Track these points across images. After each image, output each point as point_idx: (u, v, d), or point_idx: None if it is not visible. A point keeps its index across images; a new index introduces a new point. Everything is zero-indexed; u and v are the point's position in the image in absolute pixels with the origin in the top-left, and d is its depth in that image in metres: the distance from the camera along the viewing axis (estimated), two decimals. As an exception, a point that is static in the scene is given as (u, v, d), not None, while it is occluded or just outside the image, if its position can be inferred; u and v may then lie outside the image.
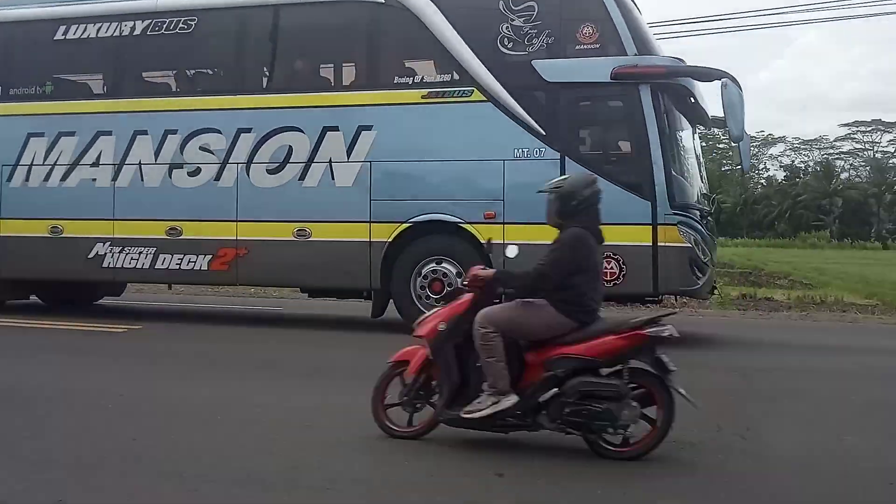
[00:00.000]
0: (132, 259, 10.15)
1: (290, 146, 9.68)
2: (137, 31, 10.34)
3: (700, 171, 10.25)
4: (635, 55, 8.79)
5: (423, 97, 9.33)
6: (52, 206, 10.48)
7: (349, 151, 9.47)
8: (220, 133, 9.93)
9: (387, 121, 9.42)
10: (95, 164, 10.31)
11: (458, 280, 8.88)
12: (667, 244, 8.62)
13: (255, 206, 9.77)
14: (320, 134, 9.58)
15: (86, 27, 10.54)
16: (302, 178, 9.63)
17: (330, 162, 9.54)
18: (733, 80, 8.50)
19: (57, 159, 10.46)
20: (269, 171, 9.76)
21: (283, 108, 9.86)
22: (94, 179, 10.35)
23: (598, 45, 8.90)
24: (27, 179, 10.59)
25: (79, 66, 11.20)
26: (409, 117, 9.40)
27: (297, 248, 9.62)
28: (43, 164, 10.50)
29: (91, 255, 10.28)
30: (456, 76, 9.26)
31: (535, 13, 9.02)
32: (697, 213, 9.18)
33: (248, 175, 9.81)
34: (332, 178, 9.53)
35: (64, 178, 10.43)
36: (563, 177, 5.42)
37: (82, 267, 10.42)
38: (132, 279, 11.23)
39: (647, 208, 8.63)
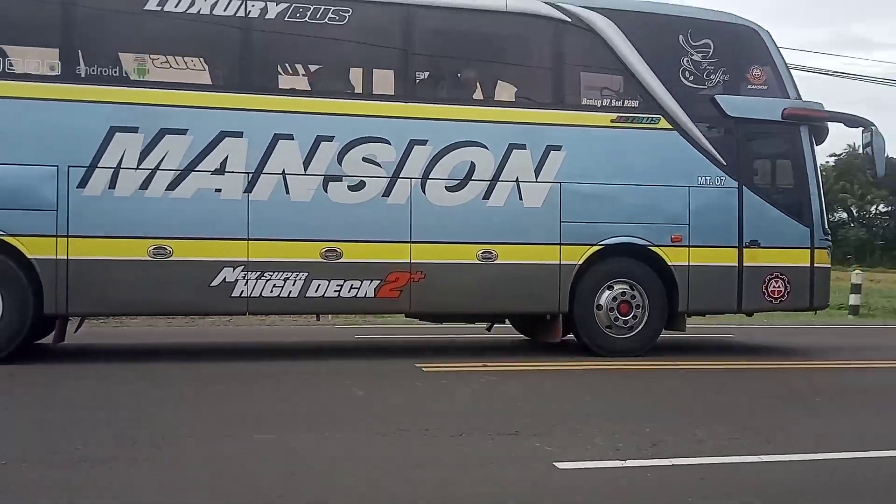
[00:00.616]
0: (275, 287, 8.52)
1: (473, 162, 8.99)
2: (271, 15, 8.63)
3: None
4: (796, 98, 9.89)
5: (612, 121, 9.37)
6: (153, 221, 8.32)
7: (537, 171, 9.13)
8: (389, 144, 8.81)
9: (577, 142, 9.26)
10: (220, 171, 8.44)
11: (645, 301, 9.30)
12: (820, 265, 9.92)
13: (433, 226, 8.89)
14: (506, 151, 9.06)
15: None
16: (486, 196, 9.02)
17: (517, 181, 9.08)
18: (877, 128, 10.05)
19: (159, 163, 8.32)
20: (449, 189, 8.95)
21: (464, 122, 9.07)
22: (217, 190, 8.45)
23: (766, 87, 9.82)
24: (112, 187, 8.22)
25: (186, 46, 8.92)
26: (598, 140, 9.35)
27: (480, 272, 9.00)
28: (137, 169, 8.26)
29: (215, 283, 8.41)
30: (642, 102, 9.46)
31: (711, 50, 9.61)
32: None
33: (423, 192, 8.88)
34: (520, 199, 9.10)
35: (171, 186, 8.33)
36: None
37: (202, 298, 8.49)
38: (272, 310, 9.35)
39: (806, 234, 9.81)
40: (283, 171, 8.55)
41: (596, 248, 9.27)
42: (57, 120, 8.14)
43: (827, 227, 10.19)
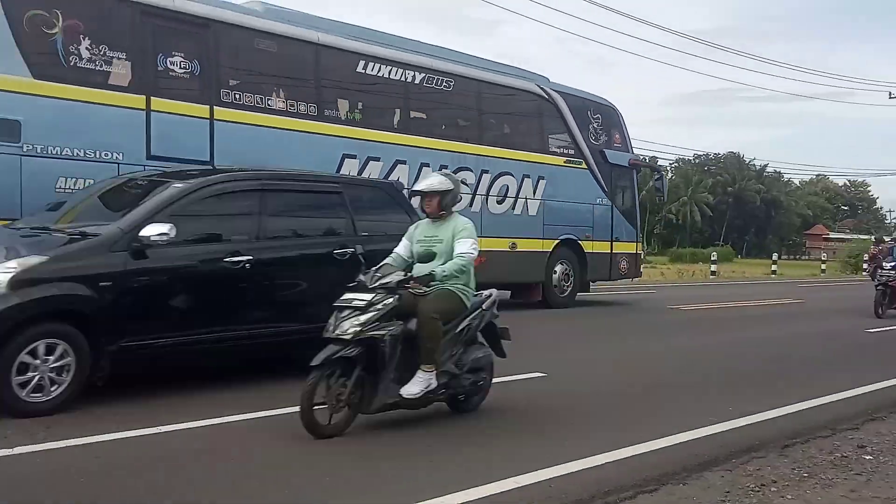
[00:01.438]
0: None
1: (507, 185, 14.15)
2: (417, 81, 12.68)
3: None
4: (632, 152, 16.97)
5: (564, 162, 15.31)
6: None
7: (534, 192, 14.65)
8: (471, 171, 13.49)
9: (550, 174, 15.02)
10: (396, 188, 12.29)
11: (574, 273, 15.48)
12: (639, 252, 17.32)
13: (490, 226, 13.71)
14: (521, 179, 14.38)
15: (380, 67, 12.16)
16: (513, 207, 14.27)
17: (526, 198, 14.48)
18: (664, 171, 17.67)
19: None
20: (497, 203, 13.98)
21: (503, 159, 14.18)
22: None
23: (620, 145, 16.69)
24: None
25: (376, 99, 12.36)
26: (558, 174, 15.22)
27: (510, 256, 14.16)
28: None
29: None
30: (575, 151, 15.51)
31: (600, 121, 16.11)
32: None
33: (486, 204, 13.74)
34: (527, 209, 14.51)
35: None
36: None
37: None
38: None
39: (634, 233, 17.13)
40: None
41: (556, 241, 15.16)
42: (315, 147, 11.27)
43: (639, 230, 17.56)
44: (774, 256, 36.05)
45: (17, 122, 8.64)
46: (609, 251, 16.26)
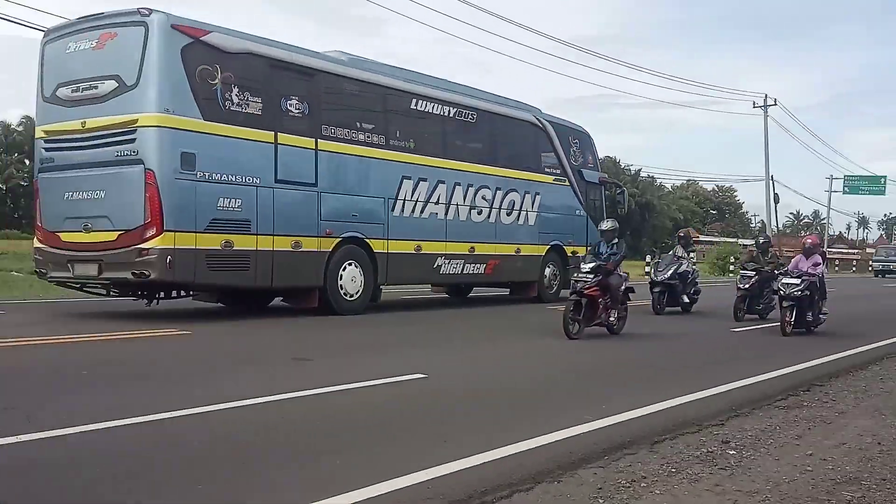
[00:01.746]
0: (453, 267, 15.40)
1: (514, 200, 17.21)
2: (451, 114, 15.48)
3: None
4: (599, 171, 20.19)
5: (553, 180, 18.38)
6: (415, 230, 14.74)
7: (532, 205, 17.68)
8: (489, 188, 16.49)
9: (544, 191, 18.06)
10: (437, 202, 15.14)
11: (559, 272, 18.43)
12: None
13: (502, 234, 16.74)
14: (523, 194, 17.44)
15: (427, 103, 14.92)
16: (518, 219, 17.33)
17: (527, 210, 17.53)
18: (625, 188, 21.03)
19: (419, 196, 14.79)
20: (507, 215, 16.98)
21: (513, 178, 17.18)
22: (435, 214, 15.16)
23: (592, 165, 19.91)
24: (402, 210, 14.43)
25: (423, 130, 15.23)
26: (549, 190, 18.27)
27: (516, 260, 17.24)
28: (411, 200, 14.61)
29: (435, 266, 15.08)
30: (560, 171, 18.61)
31: (579, 144, 19.30)
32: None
33: (499, 216, 16.78)
34: (528, 220, 17.60)
35: (423, 210, 14.86)
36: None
37: (432, 275, 15.48)
38: (450, 282, 16.84)
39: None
40: (457, 202, 15.52)
41: (548, 246, 18.14)
42: (384, 170, 14.06)
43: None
44: (648, 258, 36.57)
45: (193, 155, 11.00)
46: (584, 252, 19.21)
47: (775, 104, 50.54)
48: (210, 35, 11.45)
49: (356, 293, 13.36)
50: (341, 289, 13.10)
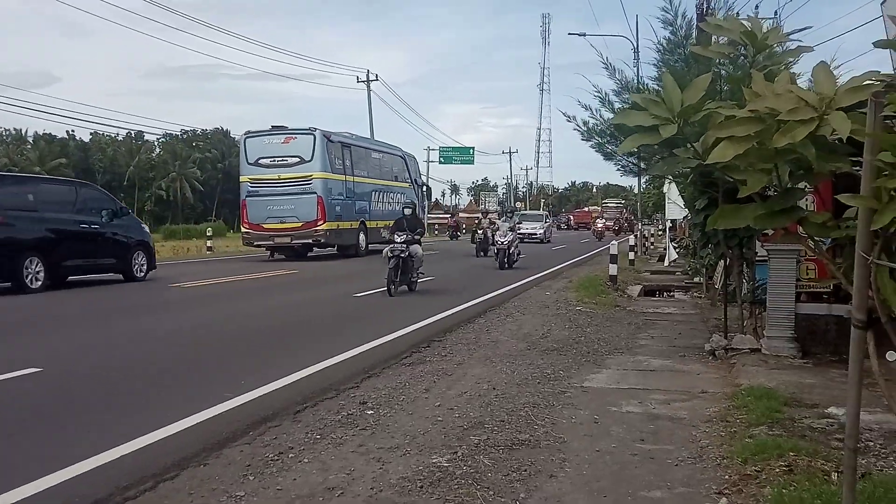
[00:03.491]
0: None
1: (394, 197, 31.93)
2: (382, 158, 32.43)
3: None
4: (420, 177, 37.82)
5: (407, 185, 34.00)
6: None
7: (398, 203, 30.94)
8: (393, 193, 31.86)
9: (403, 191, 33.03)
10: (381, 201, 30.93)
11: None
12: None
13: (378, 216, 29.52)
14: (397, 194, 32.05)
15: (374, 153, 31.52)
16: (393, 207, 29.89)
17: (398, 202, 30.18)
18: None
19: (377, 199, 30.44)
20: (389, 206, 31.22)
21: (397, 186, 32.82)
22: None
23: (417, 175, 36.63)
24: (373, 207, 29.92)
25: (374, 167, 31.03)
26: (407, 190, 33.42)
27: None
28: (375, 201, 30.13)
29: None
30: (407, 178, 34.45)
31: (412, 163, 35.67)
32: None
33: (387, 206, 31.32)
34: (395, 208, 27.98)
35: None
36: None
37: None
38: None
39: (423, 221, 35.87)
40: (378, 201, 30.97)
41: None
42: (360, 187, 28.92)
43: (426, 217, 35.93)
44: None
45: (331, 188, 26.13)
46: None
47: (377, 79, 53.43)
48: (332, 136, 26.60)
49: (365, 246, 28.56)
50: (361, 244, 28.29)
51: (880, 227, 2.20)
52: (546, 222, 49.95)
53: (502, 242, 22.22)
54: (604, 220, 61.32)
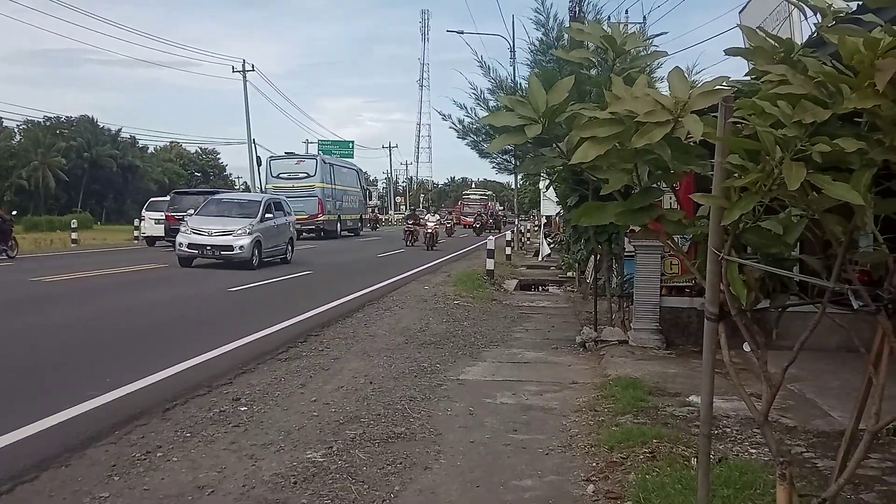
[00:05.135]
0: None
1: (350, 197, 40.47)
2: (342, 170, 38.82)
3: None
4: (365, 180, 43.29)
5: (359, 189, 40.64)
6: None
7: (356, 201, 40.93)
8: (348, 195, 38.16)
9: (356, 192, 40.93)
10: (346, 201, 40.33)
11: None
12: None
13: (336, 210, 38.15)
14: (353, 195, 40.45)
15: (339, 168, 38.20)
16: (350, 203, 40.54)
17: (353, 201, 41.19)
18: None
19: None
20: (347, 204, 39.46)
21: (351, 189, 40.63)
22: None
23: (364, 179, 44.90)
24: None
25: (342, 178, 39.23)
26: (359, 192, 41.38)
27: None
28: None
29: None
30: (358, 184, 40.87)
31: (364, 173, 43.91)
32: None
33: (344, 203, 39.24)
34: (352, 204, 40.86)
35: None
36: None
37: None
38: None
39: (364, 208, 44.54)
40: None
41: (358, 214, 42.22)
42: (339, 193, 38.97)
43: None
44: (136, 222, 34.12)
45: (327, 193, 36.78)
46: (359, 217, 41.64)
47: (253, 70, 51.76)
48: (325, 158, 40.19)
49: (339, 231, 39.00)
50: (338, 230, 38.69)
51: (729, 223, 2.33)
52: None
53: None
54: (440, 217, 48.25)
